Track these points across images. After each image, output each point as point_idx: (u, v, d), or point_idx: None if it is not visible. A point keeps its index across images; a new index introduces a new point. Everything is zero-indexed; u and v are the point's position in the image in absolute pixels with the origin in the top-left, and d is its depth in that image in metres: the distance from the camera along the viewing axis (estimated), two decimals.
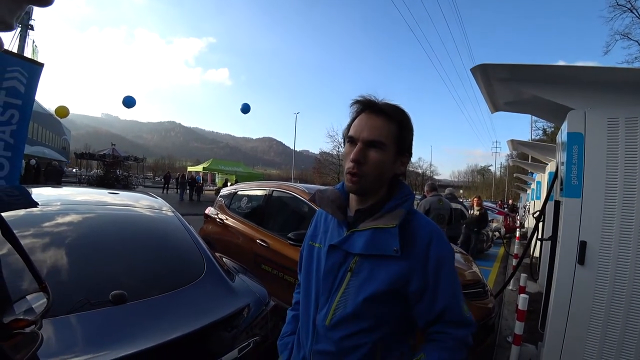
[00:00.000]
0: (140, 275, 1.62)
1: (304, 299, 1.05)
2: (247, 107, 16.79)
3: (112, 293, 1.31)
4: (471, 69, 2.53)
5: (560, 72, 2.38)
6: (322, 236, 1.03)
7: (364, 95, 0.93)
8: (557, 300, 2.28)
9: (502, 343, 3.33)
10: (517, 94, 2.90)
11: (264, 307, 1.70)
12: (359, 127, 0.90)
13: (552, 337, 2.29)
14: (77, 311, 1.22)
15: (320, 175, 44.12)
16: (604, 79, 2.31)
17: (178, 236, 1.97)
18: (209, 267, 1.74)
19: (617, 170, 2.10)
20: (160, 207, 2.33)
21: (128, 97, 14.72)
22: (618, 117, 2.12)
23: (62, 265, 1.46)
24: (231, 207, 4.47)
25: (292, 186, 3.90)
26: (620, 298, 2.07)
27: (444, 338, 0.91)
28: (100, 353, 1.06)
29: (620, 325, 2.07)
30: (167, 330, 1.25)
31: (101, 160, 21.97)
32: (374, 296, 0.88)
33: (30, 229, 1.57)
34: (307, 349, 0.99)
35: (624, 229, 2.07)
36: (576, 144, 2.23)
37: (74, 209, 1.93)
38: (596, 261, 2.14)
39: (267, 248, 3.45)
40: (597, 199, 2.15)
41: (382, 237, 0.89)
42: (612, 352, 2.09)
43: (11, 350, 0.56)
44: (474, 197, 8.01)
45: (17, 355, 0.56)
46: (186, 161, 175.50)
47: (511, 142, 6.01)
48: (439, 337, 0.91)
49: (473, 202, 7.62)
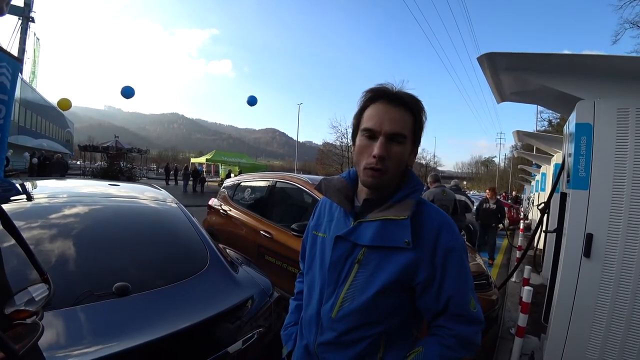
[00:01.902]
0: (143, 267, 1.62)
1: (308, 290, 1.04)
2: (254, 100, 16.61)
3: (115, 285, 1.31)
4: (478, 58, 2.48)
5: (569, 61, 2.32)
6: (326, 225, 1.01)
7: (379, 84, 0.89)
8: (561, 292, 2.26)
9: (505, 335, 3.34)
10: (524, 83, 2.84)
11: (268, 298, 1.71)
12: (379, 119, 0.84)
13: (556, 329, 2.28)
14: (81, 303, 1.22)
15: (323, 166, 44.07)
16: (614, 68, 2.25)
17: (181, 228, 1.96)
18: (212, 259, 1.74)
19: (626, 161, 2.06)
20: (164, 198, 2.33)
21: (127, 87, 14.65)
22: (628, 108, 2.07)
23: (66, 257, 1.46)
24: (234, 198, 4.47)
25: (296, 177, 3.89)
26: (626, 291, 2.05)
27: (444, 333, 0.88)
28: (103, 345, 1.06)
29: (625, 318, 2.06)
30: (171, 322, 1.25)
31: (105, 153, 22.06)
32: (384, 288, 0.86)
33: (33, 221, 1.57)
34: (311, 340, 0.98)
35: (632, 221, 2.04)
36: (584, 135, 2.19)
37: (77, 201, 1.93)
38: (602, 254, 2.12)
39: (270, 239, 3.46)
40: (605, 191, 2.12)
41: (393, 229, 0.86)
42: (615, 345, 2.08)
43: (12, 340, 0.56)
44: (487, 188, 7.59)
45: (18, 345, 0.56)
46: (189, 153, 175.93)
47: (516, 133, 5.95)
48: (440, 331, 0.89)
49: (487, 194, 7.23)
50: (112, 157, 20.51)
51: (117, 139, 22.88)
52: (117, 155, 20.76)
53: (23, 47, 17.44)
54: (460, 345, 0.88)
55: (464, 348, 0.88)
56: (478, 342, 0.90)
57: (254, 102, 16.60)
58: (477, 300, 0.92)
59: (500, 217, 6.98)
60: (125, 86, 14.60)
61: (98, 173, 18.29)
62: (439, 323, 0.90)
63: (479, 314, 0.91)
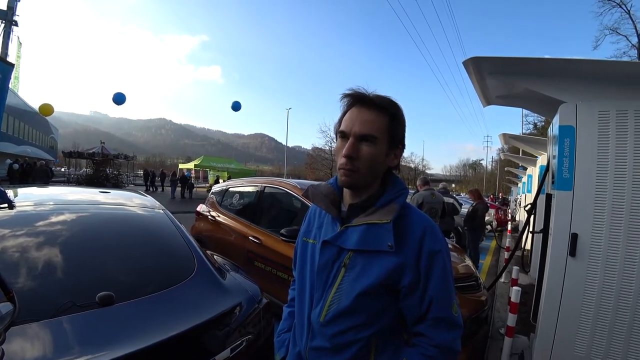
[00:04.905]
0: (128, 275, 1.58)
1: (299, 296, 1.04)
2: (238, 105, 16.63)
3: (99, 295, 1.27)
4: (463, 62, 2.52)
5: (552, 65, 2.38)
6: (316, 232, 1.02)
7: (354, 88, 0.91)
8: (549, 291, 2.29)
9: (495, 335, 3.37)
10: (509, 87, 2.90)
11: (257, 304, 1.68)
12: (350, 122, 0.88)
13: (544, 328, 2.31)
14: (62, 314, 1.18)
15: (312, 170, 44.11)
16: (595, 72, 2.31)
17: (167, 234, 1.93)
18: (199, 266, 1.71)
19: (608, 162, 2.11)
20: (149, 205, 2.28)
21: (118, 93, 14.50)
22: (609, 110, 2.13)
23: (47, 266, 1.41)
24: (223, 204, 4.42)
25: (284, 182, 3.87)
26: (611, 289, 2.10)
27: (425, 344, 0.88)
28: (84, 358, 1.02)
29: (611, 315, 2.10)
30: (157, 331, 1.22)
31: (90, 159, 21.64)
32: (368, 291, 0.87)
33: (12, 230, 1.52)
34: (302, 346, 0.98)
35: (615, 220, 2.09)
36: (568, 137, 2.24)
37: (60, 209, 1.88)
38: (587, 253, 2.16)
39: (259, 245, 3.42)
40: (588, 191, 2.16)
41: (376, 233, 0.87)
42: (602, 341, 2.12)
43: None
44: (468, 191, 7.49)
45: None
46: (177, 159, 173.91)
47: (503, 136, 6.06)
48: (421, 341, 0.89)
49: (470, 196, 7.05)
50: (98, 163, 20.10)
51: (103, 145, 22.48)
52: (103, 162, 20.36)
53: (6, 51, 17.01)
54: (441, 353, 0.88)
55: (446, 356, 0.89)
56: (458, 349, 0.90)
57: (238, 108, 16.62)
58: (458, 305, 0.93)
59: (472, 220, 6.43)
60: (117, 93, 14.43)
61: (83, 180, 17.90)
62: (419, 330, 0.90)
63: (459, 318, 0.91)
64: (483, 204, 6.54)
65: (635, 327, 2.04)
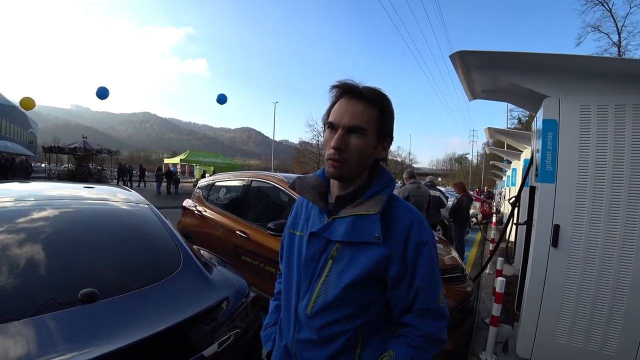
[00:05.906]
0: (112, 271, 1.54)
1: (286, 288, 1.04)
2: (224, 98, 16.38)
3: (81, 291, 1.24)
4: (450, 56, 2.53)
5: (536, 60, 2.41)
6: (303, 224, 1.01)
7: (343, 80, 0.90)
8: (532, 281, 2.35)
9: (480, 325, 3.44)
10: (495, 81, 2.93)
11: (244, 299, 1.67)
12: (339, 113, 0.87)
13: (528, 317, 2.37)
14: (44, 312, 1.15)
15: (300, 164, 43.97)
16: (577, 67, 2.36)
17: (152, 229, 1.89)
18: (185, 260, 1.69)
19: (589, 156, 2.16)
20: (134, 200, 2.24)
21: (101, 88, 14.14)
22: (590, 105, 2.17)
23: (28, 263, 1.37)
24: (209, 199, 4.37)
25: (271, 175, 3.84)
26: (590, 278, 2.16)
27: (412, 334, 0.90)
28: (67, 356, 1.00)
29: (590, 303, 2.17)
30: (142, 327, 1.20)
31: (72, 154, 21.03)
32: (355, 282, 0.87)
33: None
34: (289, 338, 0.98)
35: (595, 212, 2.15)
36: (551, 131, 2.28)
37: (42, 205, 1.82)
38: (568, 243, 2.22)
39: (247, 239, 3.40)
40: (569, 183, 2.22)
41: (364, 224, 0.87)
42: (582, 329, 2.19)
43: None
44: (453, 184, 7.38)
45: None
46: (163, 153, 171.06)
47: (488, 130, 6.14)
48: (408, 332, 0.91)
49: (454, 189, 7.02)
50: (80, 158, 19.54)
51: (85, 140, 21.86)
52: (85, 157, 19.79)
53: None
54: (428, 343, 0.90)
55: (433, 345, 0.90)
56: (444, 339, 0.92)
57: (223, 100, 16.35)
58: (444, 296, 0.94)
59: (457, 213, 6.47)
60: (100, 87, 14.06)
61: (65, 176, 17.39)
62: (406, 321, 0.91)
63: (445, 309, 0.93)
64: (467, 197, 6.63)
65: (613, 315, 2.11)
